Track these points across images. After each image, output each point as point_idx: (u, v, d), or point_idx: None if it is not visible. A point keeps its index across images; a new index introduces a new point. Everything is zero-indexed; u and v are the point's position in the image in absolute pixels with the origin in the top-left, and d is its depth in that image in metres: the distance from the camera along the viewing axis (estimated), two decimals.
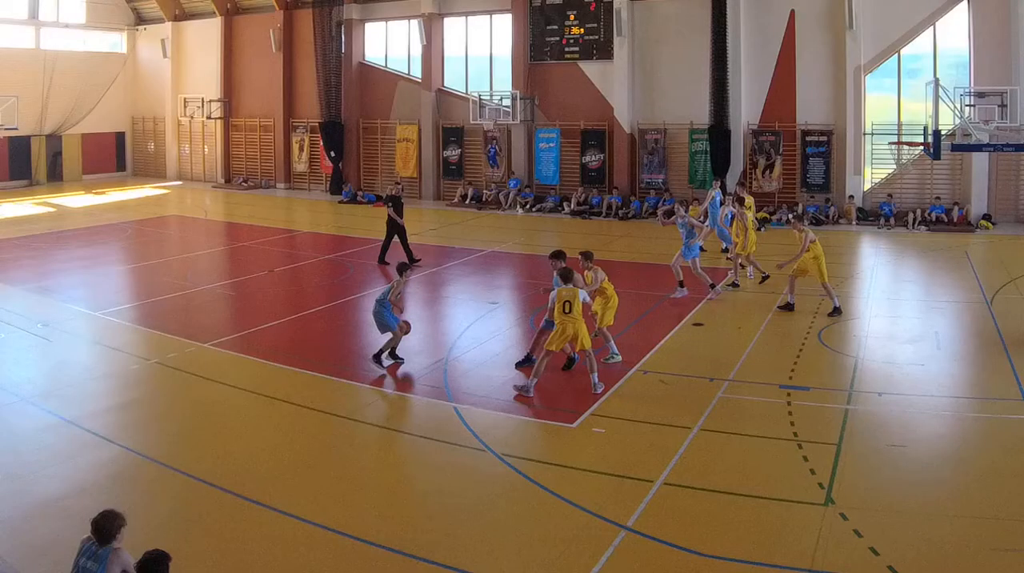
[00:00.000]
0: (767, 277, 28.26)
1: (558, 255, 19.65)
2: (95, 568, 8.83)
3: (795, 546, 11.78)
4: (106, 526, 8.97)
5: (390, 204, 32.76)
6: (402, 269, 20.90)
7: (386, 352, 20.01)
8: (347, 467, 14.97)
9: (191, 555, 10.94)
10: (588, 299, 18.60)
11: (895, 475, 14.11)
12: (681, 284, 26.49)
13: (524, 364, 19.88)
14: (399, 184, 39.08)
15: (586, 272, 20.01)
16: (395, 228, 32.44)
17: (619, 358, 19.96)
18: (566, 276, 18.48)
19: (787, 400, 17.47)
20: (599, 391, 18.13)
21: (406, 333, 20.29)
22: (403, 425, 17.25)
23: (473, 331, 23.40)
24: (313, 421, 16.96)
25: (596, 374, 18.36)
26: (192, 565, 10.70)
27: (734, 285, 28.01)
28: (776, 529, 12.36)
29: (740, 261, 28.34)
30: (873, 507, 12.83)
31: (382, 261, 32.10)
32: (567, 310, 17.94)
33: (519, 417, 17.08)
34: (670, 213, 29.20)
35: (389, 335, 20.08)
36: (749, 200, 31.19)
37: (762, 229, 38.32)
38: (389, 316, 19.93)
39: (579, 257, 20.42)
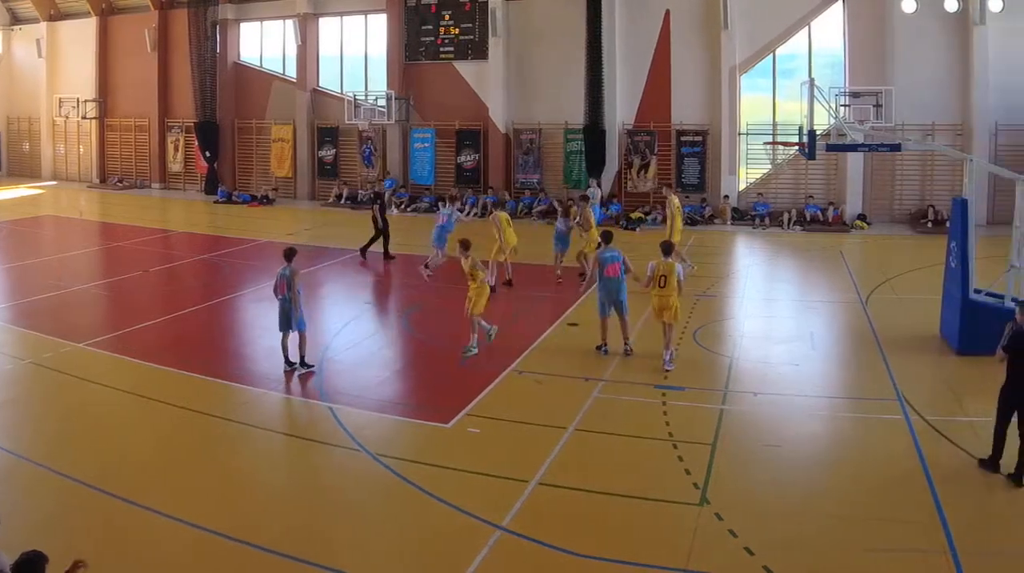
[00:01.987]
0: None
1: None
2: None
3: (670, 546, 11.37)
4: None
5: (378, 203, 32.12)
6: (290, 255, 18.70)
7: (303, 356, 18.58)
8: (223, 467, 14.19)
9: (67, 556, 9.46)
10: (683, 275, 19.00)
11: (770, 475, 13.67)
12: None
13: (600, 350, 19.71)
14: (381, 180, 38.76)
15: (463, 260, 19.73)
16: (383, 225, 31.50)
17: (475, 351, 19.49)
18: (666, 250, 19.08)
19: (662, 400, 16.68)
20: (670, 368, 18.31)
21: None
22: (278, 425, 16.35)
23: (348, 331, 22.22)
24: (189, 421, 16.01)
25: (671, 351, 18.64)
26: (68, 566, 9.26)
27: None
28: (651, 529, 12.01)
29: None
30: (748, 507, 12.40)
31: (363, 256, 31.39)
32: (662, 284, 18.36)
33: (394, 417, 16.34)
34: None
35: (290, 335, 18.66)
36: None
37: (637, 229, 37.73)
38: (295, 312, 18.31)
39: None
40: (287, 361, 18.40)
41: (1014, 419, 12.93)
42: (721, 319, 23.30)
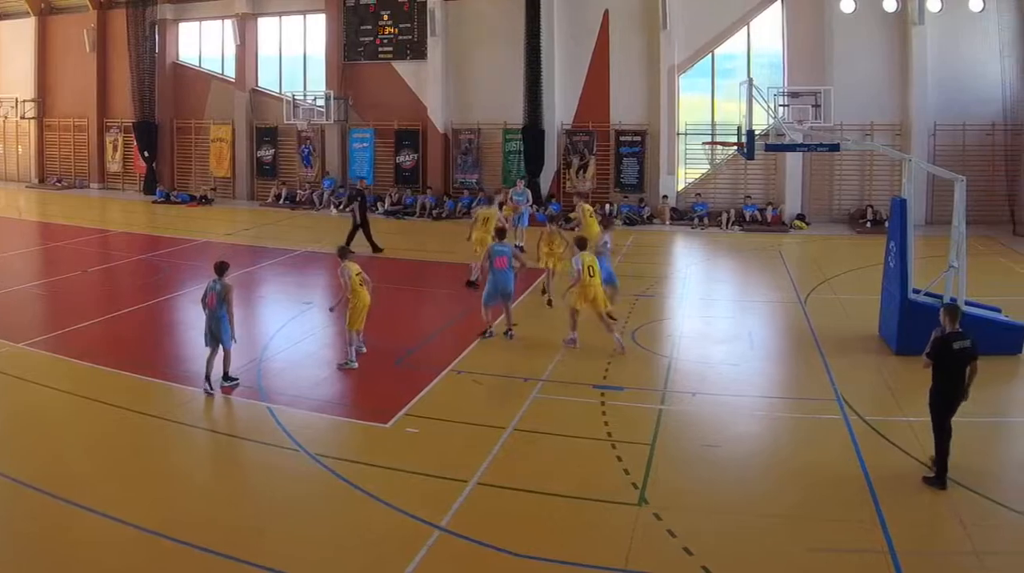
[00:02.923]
0: None
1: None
2: None
3: (609, 546, 11.02)
4: None
5: (358, 199, 31.75)
6: (221, 268, 17.05)
7: (226, 371, 16.96)
8: (162, 467, 13.68)
9: (6, 556, 10.10)
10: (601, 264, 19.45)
11: (709, 475, 13.33)
12: None
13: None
14: (363, 179, 37.30)
15: (338, 269, 18.45)
16: (361, 222, 31.06)
17: (355, 365, 18.06)
18: (581, 245, 19.52)
19: (601, 400, 16.15)
20: (622, 352, 18.67)
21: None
22: (217, 425, 15.80)
23: (287, 331, 21.39)
24: (128, 421, 15.34)
25: (618, 334, 19.14)
26: (7, 566, 9.90)
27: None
28: (590, 529, 11.66)
29: None
30: (687, 507, 12.08)
31: (376, 251, 30.85)
32: (591, 274, 18.71)
33: (333, 417, 15.82)
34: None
35: (216, 351, 16.90)
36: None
37: (575, 228, 35.42)
38: (226, 326, 16.69)
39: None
40: (208, 378, 16.68)
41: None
42: (660, 319, 22.60)
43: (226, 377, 16.77)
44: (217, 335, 16.61)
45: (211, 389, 16.57)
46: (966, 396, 12.60)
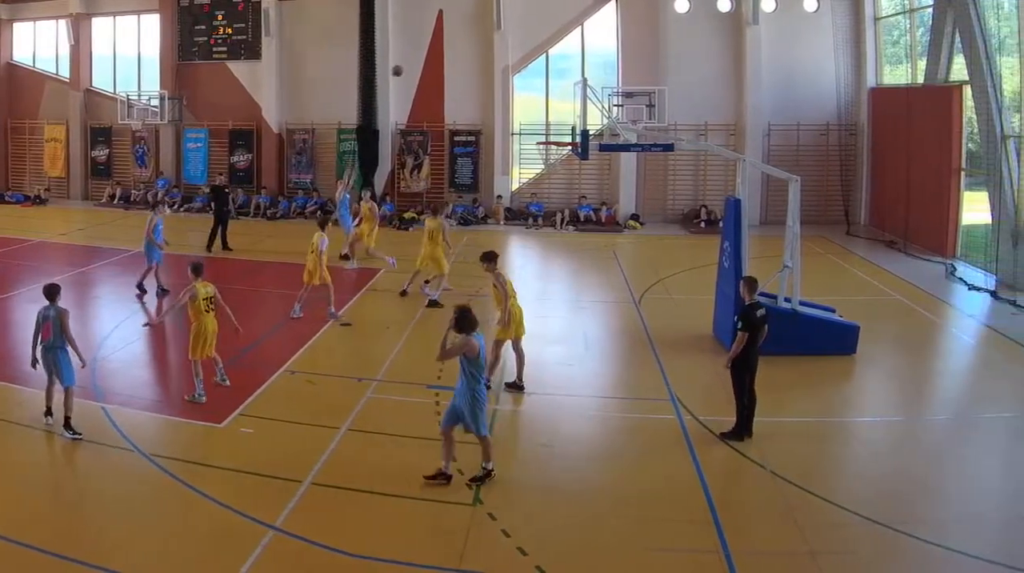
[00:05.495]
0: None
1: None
2: None
3: (444, 546, 10.12)
4: None
5: (212, 194, 29.70)
6: (52, 292, 13.47)
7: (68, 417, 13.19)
8: None
9: None
10: (324, 247, 19.15)
11: (544, 474, 12.32)
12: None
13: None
14: (222, 175, 33.92)
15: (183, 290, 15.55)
16: (218, 217, 28.55)
17: (203, 399, 14.89)
18: (322, 225, 19.88)
19: (435, 400, 14.83)
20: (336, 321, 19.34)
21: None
22: (51, 425, 13.42)
23: (121, 331, 19.27)
24: None
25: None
26: None
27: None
28: (425, 529, 10.64)
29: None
30: (521, 507, 11.12)
31: (209, 249, 28.04)
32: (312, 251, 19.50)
33: (167, 417, 14.21)
34: None
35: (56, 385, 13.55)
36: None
37: (410, 229, 33.02)
38: (65, 360, 13.29)
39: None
40: (48, 410, 13.50)
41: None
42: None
43: (68, 426, 13.02)
44: (56, 372, 13.25)
45: (51, 424, 13.44)
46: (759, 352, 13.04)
